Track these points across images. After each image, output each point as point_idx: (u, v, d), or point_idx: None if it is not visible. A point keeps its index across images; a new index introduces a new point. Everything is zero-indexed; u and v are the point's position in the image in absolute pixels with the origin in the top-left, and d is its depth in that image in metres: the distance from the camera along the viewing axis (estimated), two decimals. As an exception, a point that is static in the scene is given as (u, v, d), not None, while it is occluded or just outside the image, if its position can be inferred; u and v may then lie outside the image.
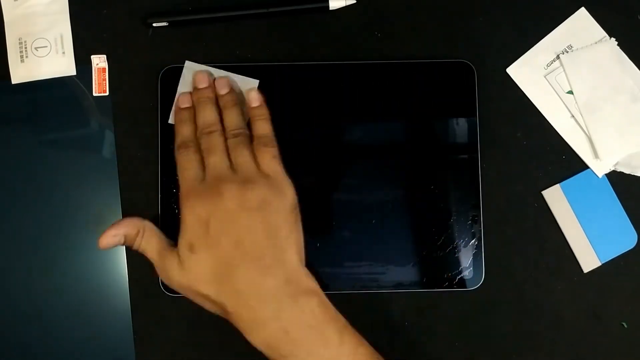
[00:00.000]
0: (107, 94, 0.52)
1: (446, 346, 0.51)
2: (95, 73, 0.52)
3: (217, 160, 0.45)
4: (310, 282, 0.44)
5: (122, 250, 0.51)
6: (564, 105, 0.52)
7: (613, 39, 0.52)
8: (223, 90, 0.49)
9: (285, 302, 0.42)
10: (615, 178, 0.52)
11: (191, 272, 0.43)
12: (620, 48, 0.52)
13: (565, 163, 0.52)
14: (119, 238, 0.46)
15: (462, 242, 0.51)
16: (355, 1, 0.52)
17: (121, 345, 0.50)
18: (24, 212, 0.51)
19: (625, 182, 0.52)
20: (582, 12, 0.53)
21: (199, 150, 0.46)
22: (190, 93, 0.49)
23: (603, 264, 0.51)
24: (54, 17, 0.52)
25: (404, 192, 0.51)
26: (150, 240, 0.46)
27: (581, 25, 0.53)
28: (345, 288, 0.50)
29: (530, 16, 0.53)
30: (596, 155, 0.51)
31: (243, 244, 0.43)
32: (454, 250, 0.50)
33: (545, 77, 0.52)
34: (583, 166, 0.52)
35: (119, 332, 0.50)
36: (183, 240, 0.44)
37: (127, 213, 0.51)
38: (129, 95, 0.52)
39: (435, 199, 0.51)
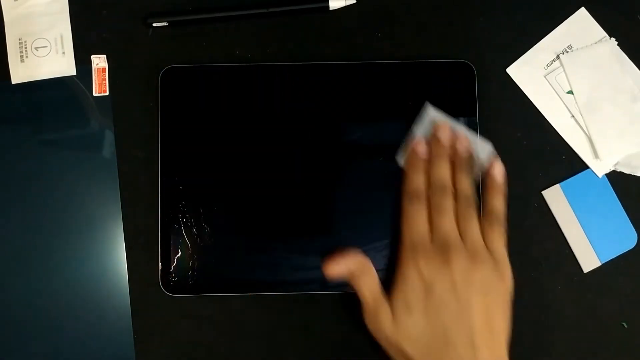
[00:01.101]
0: (107, 94, 0.52)
1: (446, 346, 0.51)
2: (95, 73, 0.52)
3: (447, 224, 0.45)
4: None
5: (122, 250, 0.51)
6: (564, 105, 0.52)
7: (613, 39, 0.52)
8: (464, 152, 0.48)
9: None
10: (615, 178, 0.52)
11: (404, 331, 0.43)
12: (620, 48, 0.52)
13: (565, 163, 0.52)
14: (344, 270, 0.46)
15: (462, 242, 0.50)
16: (355, 1, 0.52)
17: (121, 345, 0.50)
18: (24, 212, 0.51)
19: (625, 182, 0.52)
20: (582, 12, 0.53)
21: (429, 208, 0.46)
22: (428, 141, 0.49)
23: (603, 264, 0.51)
24: (54, 17, 0.52)
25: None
26: (368, 282, 0.46)
27: (581, 25, 0.53)
28: (345, 288, 0.50)
29: (530, 16, 0.53)
30: (596, 155, 0.51)
31: (462, 322, 0.42)
32: (454, 250, 0.50)
33: (545, 77, 0.52)
34: (583, 166, 0.52)
35: (119, 332, 0.50)
36: (401, 295, 0.44)
37: (127, 213, 0.51)
38: (129, 95, 0.52)
39: (435, 199, 0.51)
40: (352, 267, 0.46)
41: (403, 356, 0.43)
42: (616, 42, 0.52)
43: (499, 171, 0.48)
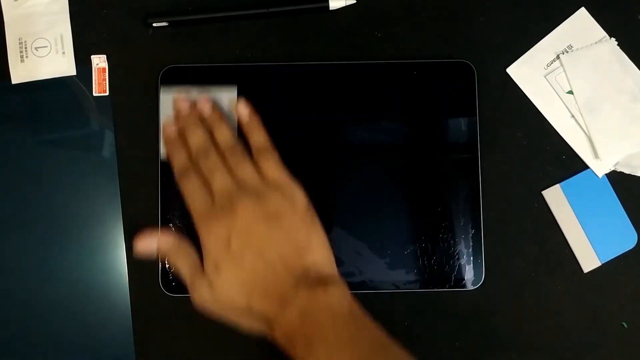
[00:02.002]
0: (107, 94, 0.52)
1: (446, 346, 0.51)
2: (95, 73, 0.52)
3: (221, 180, 0.45)
4: (334, 274, 0.45)
5: (122, 250, 0.51)
6: (564, 105, 0.52)
7: (613, 39, 0.52)
8: (207, 110, 0.49)
9: (305, 290, 0.42)
10: (615, 178, 0.52)
11: (222, 290, 0.44)
12: (620, 48, 0.52)
13: (565, 163, 0.52)
14: (154, 247, 0.46)
15: (462, 242, 0.51)
16: (355, 1, 0.52)
17: (121, 345, 0.50)
18: (24, 212, 0.51)
19: (625, 182, 0.52)
20: (582, 12, 0.53)
21: (200, 174, 0.46)
22: (174, 120, 0.49)
23: (603, 264, 0.51)
24: (54, 17, 0.52)
25: (404, 192, 0.51)
26: (186, 261, 0.46)
27: (581, 25, 0.53)
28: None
29: (530, 16, 0.53)
30: (596, 155, 0.51)
31: (266, 253, 0.43)
32: (454, 250, 0.50)
33: (545, 77, 0.52)
34: (583, 166, 0.52)
35: (119, 332, 0.50)
36: (208, 263, 0.44)
37: (127, 213, 0.51)
38: (129, 95, 0.52)
39: (435, 199, 0.51)
40: (163, 246, 0.46)
41: (236, 311, 0.44)
42: (616, 42, 0.52)
43: (242, 111, 0.48)
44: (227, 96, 0.50)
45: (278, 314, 0.42)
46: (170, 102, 0.50)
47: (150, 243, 0.46)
